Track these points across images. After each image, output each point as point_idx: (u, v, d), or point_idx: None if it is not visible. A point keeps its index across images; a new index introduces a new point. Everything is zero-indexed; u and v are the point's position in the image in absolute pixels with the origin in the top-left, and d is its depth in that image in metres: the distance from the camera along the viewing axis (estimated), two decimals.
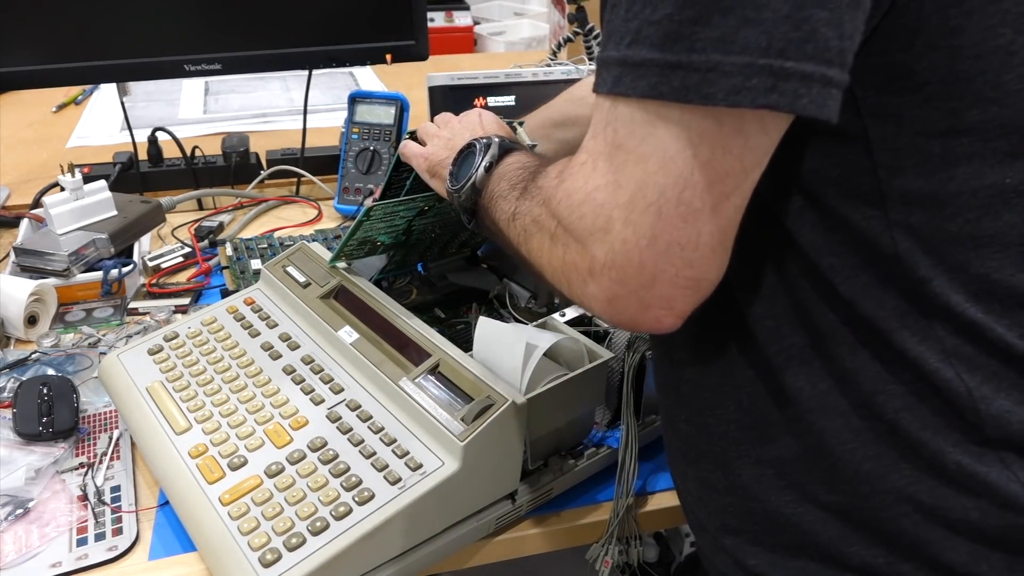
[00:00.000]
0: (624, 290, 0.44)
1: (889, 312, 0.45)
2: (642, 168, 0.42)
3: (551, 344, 0.64)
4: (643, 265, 0.43)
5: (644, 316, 0.45)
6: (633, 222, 0.42)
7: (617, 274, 0.44)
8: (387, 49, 1.17)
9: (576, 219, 0.45)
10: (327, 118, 1.51)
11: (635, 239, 0.42)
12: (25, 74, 1.08)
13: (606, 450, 0.69)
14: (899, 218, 0.43)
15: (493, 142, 0.60)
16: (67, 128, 1.54)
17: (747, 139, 0.41)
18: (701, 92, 0.39)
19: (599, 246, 0.44)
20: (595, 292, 0.45)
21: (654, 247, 0.42)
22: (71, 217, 0.97)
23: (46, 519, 0.65)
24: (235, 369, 0.71)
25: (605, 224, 0.43)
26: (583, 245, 0.45)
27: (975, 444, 0.44)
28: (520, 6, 3.09)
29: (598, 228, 0.44)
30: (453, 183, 0.62)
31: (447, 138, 0.69)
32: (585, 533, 0.67)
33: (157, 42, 1.11)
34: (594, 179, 0.44)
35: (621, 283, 0.44)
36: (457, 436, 0.58)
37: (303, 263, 0.79)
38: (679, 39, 0.39)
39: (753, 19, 0.38)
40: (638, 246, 0.42)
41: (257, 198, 1.21)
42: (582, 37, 1.47)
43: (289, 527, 0.56)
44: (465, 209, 0.61)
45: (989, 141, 0.42)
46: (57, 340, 0.87)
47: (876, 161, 0.43)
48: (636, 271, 0.43)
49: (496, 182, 0.58)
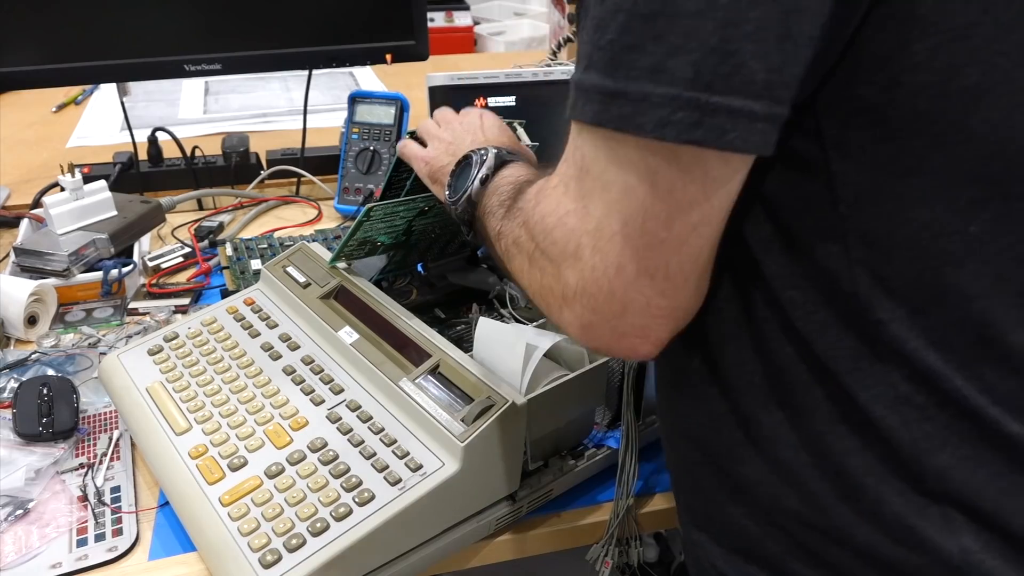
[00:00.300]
0: (597, 318, 0.44)
1: (843, 352, 0.43)
2: (606, 196, 0.41)
3: (551, 344, 0.64)
4: (613, 293, 0.42)
5: (619, 344, 0.45)
6: (601, 250, 0.42)
7: (589, 301, 0.43)
8: (387, 49, 1.16)
9: (550, 243, 0.45)
10: (327, 118, 1.51)
11: (603, 267, 0.42)
12: (25, 74, 1.08)
13: (606, 450, 0.69)
14: (859, 256, 0.41)
15: (490, 154, 0.60)
16: (67, 128, 1.54)
17: (707, 169, 0.40)
18: (634, 122, 0.38)
19: (571, 272, 0.44)
20: (570, 318, 0.45)
21: (622, 276, 0.42)
22: (71, 217, 0.97)
23: (46, 520, 0.65)
24: (235, 369, 0.71)
25: (575, 250, 0.43)
26: (557, 269, 0.45)
27: (919, 495, 0.43)
28: (520, 6, 3.09)
29: (569, 254, 0.44)
30: (451, 194, 0.62)
31: (448, 141, 0.69)
32: (585, 533, 0.67)
33: (157, 42, 1.11)
34: (565, 203, 0.44)
35: (593, 311, 0.43)
36: (457, 437, 0.58)
37: (303, 263, 0.79)
38: (619, 66, 0.39)
39: (681, 48, 0.37)
40: (606, 274, 0.42)
41: (257, 198, 1.21)
42: None
43: (289, 528, 0.55)
44: (462, 221, 0.61)
45: (953, 186, 0.39)
46: (57, 340, 0.87)
47: (838, 196, 0.41)
48: (606, 299, 0.43)
49: (488, 196, 0.58)
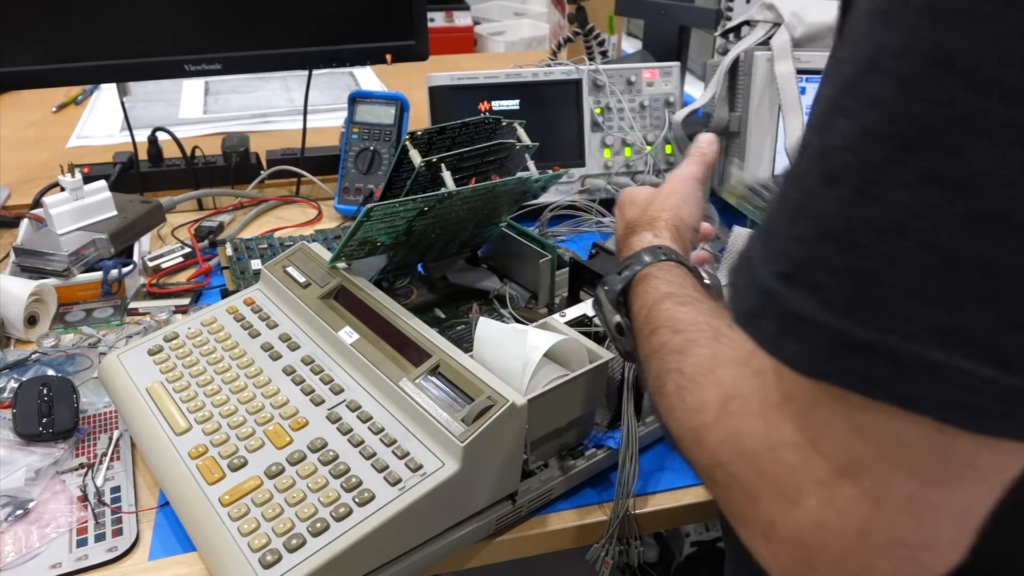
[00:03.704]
0: (812, 574, 0.34)
1: None
2: (858, 445, 0.31)
3: (551, 345, 0.64)
4: (846, 556, 0.32)
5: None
6: (837, 508, 0.32)
7: (804, 555, 0.33)
8: (387, 49, 1.16)
9: (750, 472, 0.35)
10: (327, 118, 1.51)
11: (838, 527, 0.32)
12: (25, 74, 1.08)
13: (606, 451, 0.69)
14: None
15: (623, 270, 0.56)
16: (67, 128, 1.54)
17: (998, 456, 0.31)
18: (896, 391, 0.30)
19: (781, 515, 0.33)
20: (768, 557, 0.35)
21: (866, 541, 0.32)
22: (71, 217, 0.97)
23: (46, 520, 0.65)
24: (235, 370, 0.71)
25: (794, 494, 0.33)
26: (754, 499, 0.35)
27: None
28: (520, 6, 3.09)
29: (782, 494, 0.33)
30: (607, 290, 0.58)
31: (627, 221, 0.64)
32: (585, 534, 0.67)
33: (157, 42, 1.11)
34: (783, 430, 0.33)
35: (807, 564, 0.33)
36: (457, 437, 0.58)
37: (303, 263, 0.79)
38: (881, 310, 0.29)
39: (1010, 319, 0.28)
40: (841, 536, 0.32)
41: (257, 198, 1.21)
42: (582, 37, 1.47)
43: (289, 528, 0.55)
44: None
45: None
46: (57, 340, 0.87)
47: None
48: (834, 560, 0.33)
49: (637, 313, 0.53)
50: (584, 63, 1.13)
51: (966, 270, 0.28)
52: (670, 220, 0.60)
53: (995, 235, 0.27)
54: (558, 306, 0.84)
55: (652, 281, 0.53)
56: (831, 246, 0.30)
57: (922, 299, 0.28)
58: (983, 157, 0.27)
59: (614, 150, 1.12)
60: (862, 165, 0.29)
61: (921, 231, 0.28)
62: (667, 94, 1.13)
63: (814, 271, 0.30)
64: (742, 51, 1.01)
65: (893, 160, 0.29)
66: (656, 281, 0.53)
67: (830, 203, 0.30)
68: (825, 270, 0.30)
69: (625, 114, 1.12)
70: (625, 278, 0.55)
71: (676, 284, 0.52)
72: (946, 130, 0.28)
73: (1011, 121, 0.27)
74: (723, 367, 0.39)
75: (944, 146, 0.28)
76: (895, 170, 0.28)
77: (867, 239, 0.29)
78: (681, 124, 1.12)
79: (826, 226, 0.30)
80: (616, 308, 0.56)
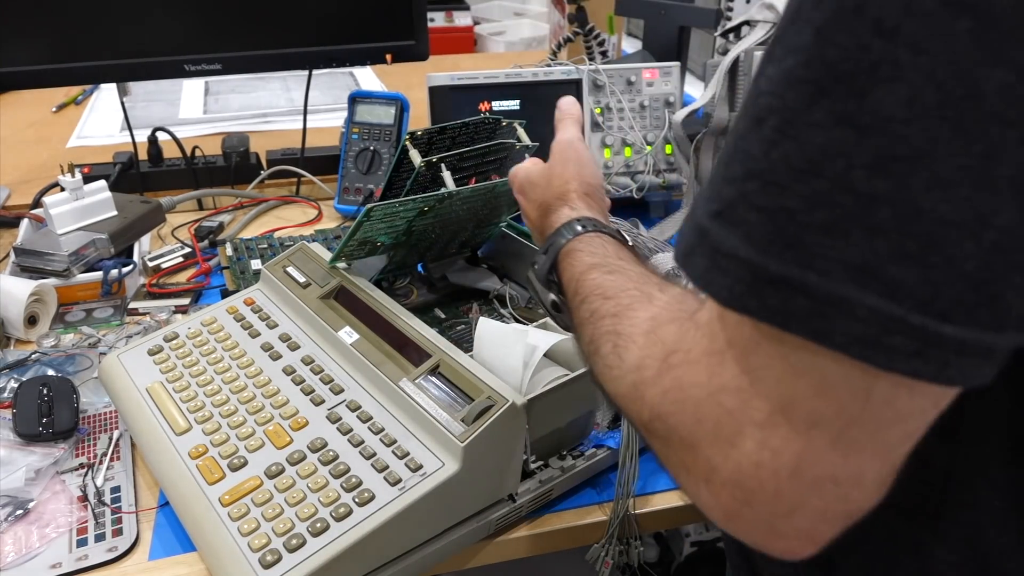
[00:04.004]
0: (750, 512, 0.35)
1: None
2: (788, 383, 0.33)
3: (551, 345, 0.64)
4: (780, 494, 0.34)
5: (772, 544, 0.36)
6: (771, 447, 0.33)
7: (743, 495, 0.35)
8: (387, 49, 1.16)
9: (690, 421, 0.36)
10: (327, 118, 1.51)
11: (772, 466, 0.33)
12: (25, 74, 1.08)
13: (606, 451, 0.69)
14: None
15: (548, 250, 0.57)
16: (67, 128, 1.54)
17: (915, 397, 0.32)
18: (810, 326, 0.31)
19: (721, 458, 0.35)
20: (710, 502, 0.37)
21: (798, 478, 0.33)
22: (71, 217, 0.97)
23: (46, 520, 0.65)
24: (235, 370, 0.71)
25: (732, 437, 0.34)
26: (694, 447, 0.36)
27: None
28: (520, 6, 3.09)
29: (721, 438, 0.35)
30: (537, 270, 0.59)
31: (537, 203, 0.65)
32: (585, 534, 0.67)
33: (157, 42, 1.11)
34: (722, 376, 0.35)
35: (746, 504, 0.35)
36: (457, 437, 0.58)
37: (303, 263, 0.79)
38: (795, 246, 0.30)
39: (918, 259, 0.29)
40: (775, 474, 0.33)
41: (257, 198, 1.21)
42: (582, 37, 1.47)
43: (289, 528, 0.55)
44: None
45: None
46: (57, 340, 0.87)
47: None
48: (770, 498, 0.34)
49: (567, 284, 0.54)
50: (584, 63, 1.13)
51: (876, 209, 0.29)
52: (578, 188, 0.62)
53: (902, 175, 0.29)
54: None
55: (576, 255, 0.55)
56: (754, 184, 0.31)
57: (835, 236, 0.29)
58: (890, 100, 0.28)
59: (614, 150, 1.12)
60: (782, 107, 0.31)
61: (834, 171, 0.29)
62: (667, 94, 1.13)
63: (740, 209, 0.32)
64: (742, 51, 1.01)
65: (809, 102, 0.30)
66: (580, 254, 0.54)
67: (755, 144, 0.31)
68: (749, 207, 0.31)
69: (625, 114, 1.12)
70: (550, 256, 0.57)
71: (599, 254, 0.53)
72: (857, 74, 0.29)
73: (915, 66, 0.28)
74: (662, 327, 0.40)
75: (855, 89, 0.29)
76: (811, 112, 0.30)
77: (785, 178, 0.30)
78: (681, 124, 1.12)
79: (750, 166, 0.32)
80: (548, 287, 0.58)
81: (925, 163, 0.28)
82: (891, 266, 0.29)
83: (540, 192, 0.63)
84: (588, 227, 0.57)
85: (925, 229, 0.29)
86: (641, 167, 1.12)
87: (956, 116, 0.28)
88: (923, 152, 0.28)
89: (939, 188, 0.28)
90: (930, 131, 0.28)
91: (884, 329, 0.29)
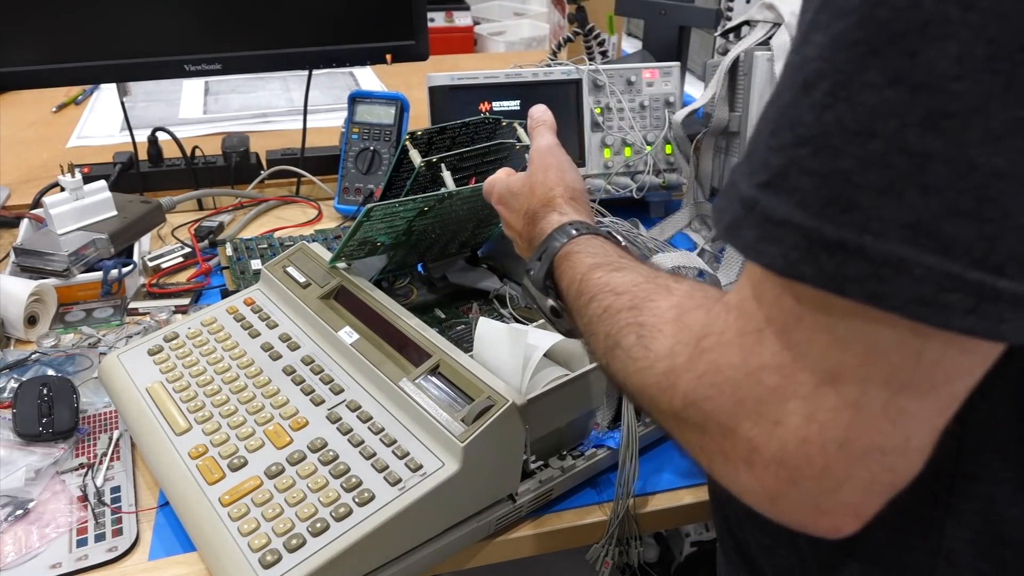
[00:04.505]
0: (795, 491, 0.35)
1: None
2: (836, 356, 0.33)
3: (551, 345, 0.64)
4: (827, 469, 0.34)
5: (817, 522, 0.36)
6: (819, 420, 0.33)
7: (788, 473, 0.34)
8: (387, 49, 1.16)
9: (729, 403, 0.36)
10: (327, 118, 1.51)
11: (820, 439, 0.33)
12: (25, 74, 1.08)
13: (606, 451, 0.69)
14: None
15: (542, 256, 0.57)
16: (67, 128, 1.54)
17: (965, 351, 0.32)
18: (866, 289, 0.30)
19: (764, 438, 0.35)
20: (751, 485, 0.36)
21: (846, 451, 0.33)
22: (71, 217, 0.97)
23: (46, 520, 0.65)
24: (235, 370, 0.71)
25: (775, 414, 0.34)
26: (733, 430, 0.36)
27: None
28: (520, 6, 3.09)
29: (764, 417, 0.34)
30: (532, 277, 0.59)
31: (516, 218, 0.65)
32: (585, 534, 0.67)
33: (157, 42, 1.11)
34: (761, 355, 0.35)
35: (792, 483, 0.34)
36: (457, 437, 0.58)
37: (303, 263, 0.79)
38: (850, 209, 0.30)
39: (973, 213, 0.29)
40: (823, 448, 0.33)
41: (257, 198, 1.21)
42: (582, 37, 1.47)
43: (289, 528, 0.55)
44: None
45: None
46: (57, 340, 0.87)
47: None
48: (817, 474, 0.34)
49: (567, 288, 0.54)
50: (584, 63, 1.13)
51: (930, 167, 0.29)
52: (564, 194, 0.61)
53: (955, 131, 0.29)
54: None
55: (574, 257, 0.54)
56: (806, 150, 0.31)
57: (890, 197, 0.30)
58: (941, 57, 0.29)
59: (614, 150, 1.12)
60: (833, 71, 0.31)
61: (888, 131, 0.29)
62: (667, 94, 1.13)
63: (791, 176, 0.32)
64: (742, 51, 1.01)
65: (861, 64, 0.30)
66: (579, 256, 0.54)
67: (805, 110, 0.31)
68: (801, 173, 0.31)
69: (625, 114, 1.12)
70: (545, 261, 0.56)
71: (600, 254, 0.53)
72: (908, 33, 0.29)
73: (964, 22, 0.28)
74: (688, 313, 0.40)
75: (906, 48, 0.29)
76: (863, 73, 0.30)
77: (839, 141, 0.30)
78: (681, 124, 1.12)
79: (801, 132, 0.31)
80: (545, 292, 0.57)
81: (977, 118, 0.29)
82: (946, 223, 0.29)
83: (523, 201, 0.63)
84: (582, 230, 0.56)
85: (979, 184, 0.29)
86: (641, 167, 1.12)
87: (1007, 69, 0.28)
88: (975, 107, 0.29)
89: (992, 142, 0.29)
90: (981, 86, 0.28)
91: (941, 287, 0.29)
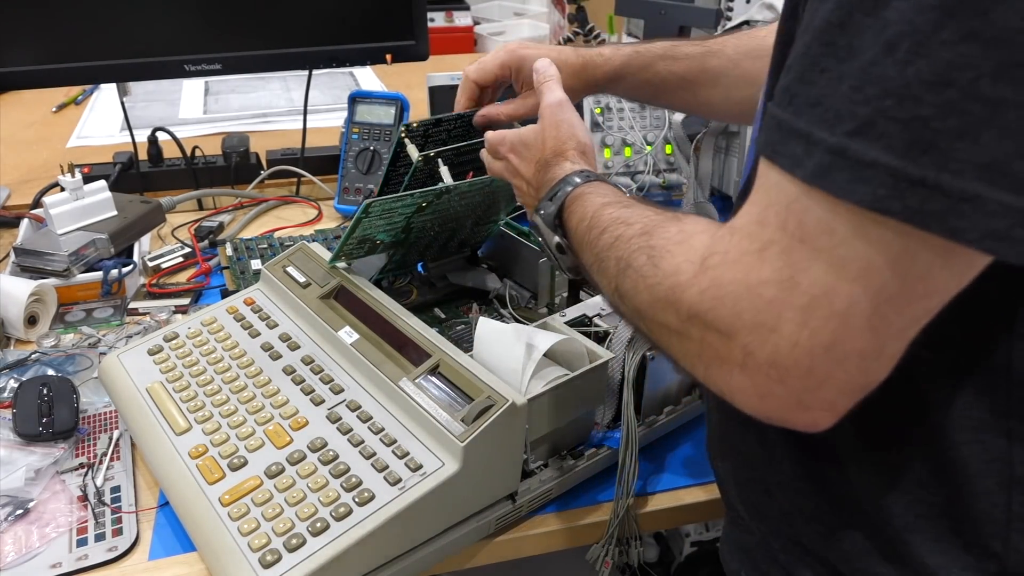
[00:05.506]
0: (783, 389, 0.40)
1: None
2: (834, 273, 0.37)
3: (551, 345, 0.64)
4: (812, 370, 0.38)
5: (799, 416, 0.41)
6: (810, 327, 0.38)
7: (778, 374, 0.39)
8: (387, 49, 1.16)
9: (729, 314, 0.40)
10: (327, 118, 1.51)
11: (809, 344, 0.38)
12: (25, 74, 1.08)
13: (606, 450, 0.69)
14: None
15: (554, 196, 0.59)
16: (67, 128, 1.54)
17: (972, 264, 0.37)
18: (947, 224, 0.34)
19: (758, 343, 0.39)
20: (743, 385, 0.41)
21: (830, 354, 0.38)
22: (71, 217, 0.97)
23: (46, 520, 0.65)
24: (235, 369, 0.71)
25: (773, 322, 0.38)
26: (730, 338, 0.40)
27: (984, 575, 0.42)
28: (520, 6, 3.09)
29: (761, 325, 0.39)
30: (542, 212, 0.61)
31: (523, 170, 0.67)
32: (585, 533, 0.67)
33: (157, 42, 1.11)
34: (761, 272, 0.39)
35: (780, 382, 0.39)
36: (457, 437, 0.58)
37: (303, 263, 0.79)
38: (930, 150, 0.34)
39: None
40: (811, 352, 0.38)
41: (257, 198, 1.21)
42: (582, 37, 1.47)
43: (289, 528, 0.55)
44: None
45: None
46: (57, 340, 0.87)
47: None
48: (803, 374, 0.39)
49: (575, 227, 0.57)
50: None
51: (1003, 112, 0.33)
52: (576, 148, 0.63)
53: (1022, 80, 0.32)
54: (558, 306, 0.83)
55: (586, 197, 0.57)
56: (891, 100, 0.34)
57: (966, 140, 0.33)
58: (1010, 14, 0.32)
59: (614, 150, 1.12)
60: (913, 31, 0.34)
61: (963, 81, 0.33)
62: None
63: (879, 124, 0.35)
64: None
65: (937, 24, 0.33)
66: (590, 196, 0.57)
67: (889, 67, 0.35)
68: (887, 121, 0.35)
69: (625, 114, 1.12)
70: (557, 201, 0.59)
71: (611, 195, 0.56)
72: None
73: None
74: (694, 236, 0.44)
75: (978, 8, 0.33)
76: (939, 32, 0.33)
77: (919, 91, 0.34)
78: (681, 124, 1.12)
79: (886, 85, 0.35)
80: (553, 229, 0.59)
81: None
82: (1018, 163, 0.33)
83: (535, 151, 0.65)
84: (592, 177, 0.59)
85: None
86: (641, 167, 1.12)
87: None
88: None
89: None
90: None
91: (1013, 222, 0.33)
